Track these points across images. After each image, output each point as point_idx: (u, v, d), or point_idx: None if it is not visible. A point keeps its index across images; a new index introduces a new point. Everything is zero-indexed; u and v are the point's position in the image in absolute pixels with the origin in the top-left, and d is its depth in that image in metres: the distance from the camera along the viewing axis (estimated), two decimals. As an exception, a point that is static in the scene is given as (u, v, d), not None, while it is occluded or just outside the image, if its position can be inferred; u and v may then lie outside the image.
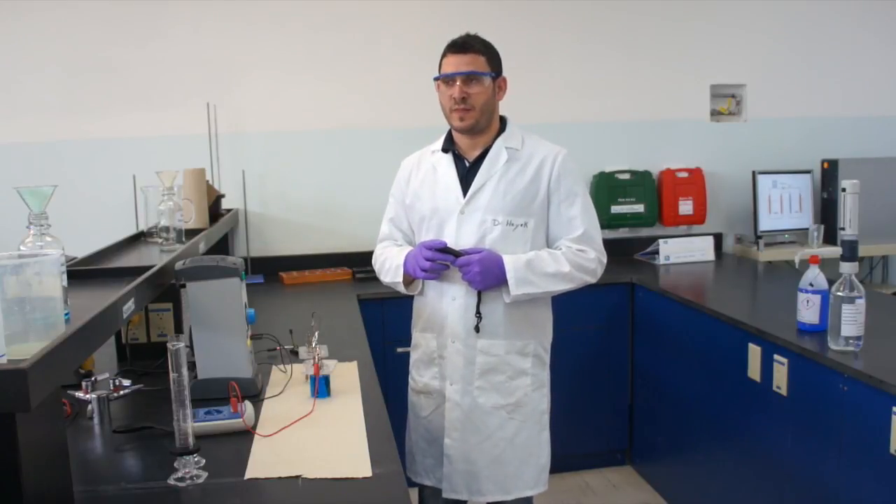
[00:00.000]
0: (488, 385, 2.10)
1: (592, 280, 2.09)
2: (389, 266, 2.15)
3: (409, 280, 2.14)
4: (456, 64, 2.03)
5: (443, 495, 2.17)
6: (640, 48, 3.95)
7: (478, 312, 2.06)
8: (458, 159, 2.13)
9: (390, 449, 1.59)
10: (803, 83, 4.12)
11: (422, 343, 2.20)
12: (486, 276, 1.99)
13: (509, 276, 1.99)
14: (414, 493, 2.22)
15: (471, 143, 2.11)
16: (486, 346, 2.09)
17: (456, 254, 2.01)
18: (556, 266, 2.02)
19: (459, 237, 2.06)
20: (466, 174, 2.10)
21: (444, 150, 2.14)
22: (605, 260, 2.11)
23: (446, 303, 2.10)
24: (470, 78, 2.01)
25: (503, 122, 2.15)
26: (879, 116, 4.21)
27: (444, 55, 2.07)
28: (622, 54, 3.93)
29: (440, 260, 2.01)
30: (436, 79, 2.08)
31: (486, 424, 2.11)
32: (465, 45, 2.03)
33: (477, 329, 2.07)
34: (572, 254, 2.05)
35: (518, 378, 2.11)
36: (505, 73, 2.11)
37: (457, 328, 2.09)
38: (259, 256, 3.70)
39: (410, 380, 2.25)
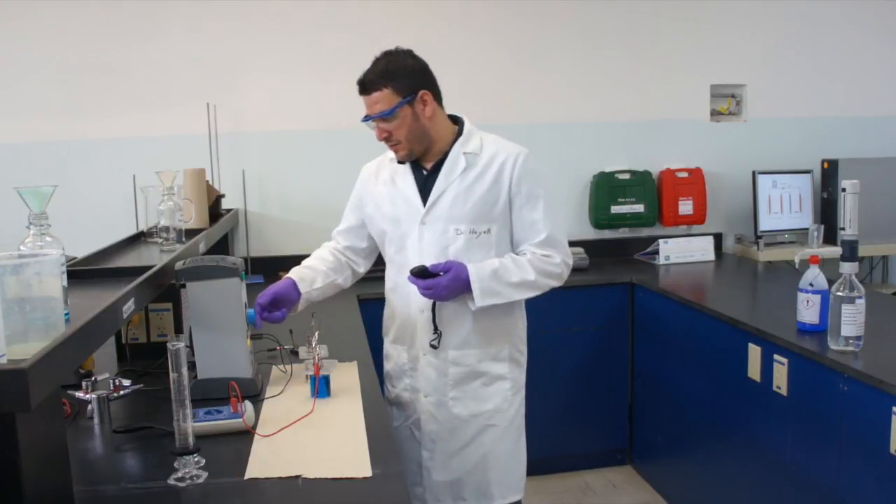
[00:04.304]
0: (463, 394, 2.05)
1: (558, 284, 2.04)
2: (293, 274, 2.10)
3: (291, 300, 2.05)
4: (367, 105, 1.94)
5: None
6: (640, 48, 3.95)
7: (436, 330, 2.01)
8: (417, 168, 2.06)
9: (390, 449, 1.59)
10: (803, 83, 4.12)
11: (393, 354, 2.16)
12: (451, 293, 1.94)
13: (474, 287, 1.93)
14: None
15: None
16: (458, 356, 2.04)
17: (426, 274, 1.92)
18: (522, 275, 1.97)
19: (422, 248, 2.01)
20: (425, 183, 2.03)
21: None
22: (570, 262, 2.05)
23: (414, 315, 2.05)
24: (382, 118, 1.93)
25: (459, 122, 2.07)
26: (879, 116, 4.21)
27: None
28: (622, 54, 3.93)
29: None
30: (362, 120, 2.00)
31: (464, 433, 2.06)
32: (364, 84, 1.92)
33: (433, 346, 2.01)
34: (538, 260, 1.99)
35: (494, 383, 2.06)
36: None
37: (427, 341, 2.04)
38: (259, 256, 3.70)
39: (385, 389, 2.19)
